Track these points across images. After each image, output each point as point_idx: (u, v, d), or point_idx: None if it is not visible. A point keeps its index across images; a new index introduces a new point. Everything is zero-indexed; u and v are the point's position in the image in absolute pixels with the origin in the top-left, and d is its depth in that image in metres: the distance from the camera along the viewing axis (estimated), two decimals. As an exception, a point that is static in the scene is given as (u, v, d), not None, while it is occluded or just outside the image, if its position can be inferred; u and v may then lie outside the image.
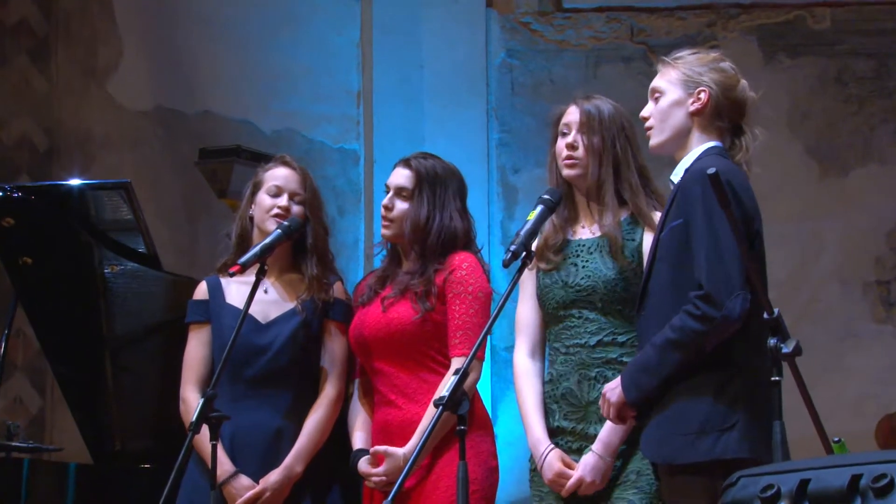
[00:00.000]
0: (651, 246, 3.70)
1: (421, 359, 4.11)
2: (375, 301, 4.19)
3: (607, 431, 3.80)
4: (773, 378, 3.12)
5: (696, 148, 3.65)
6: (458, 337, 4.05)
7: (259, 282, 3.99)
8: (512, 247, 3.57)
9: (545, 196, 3.73)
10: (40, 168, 7.05)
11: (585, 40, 7.26)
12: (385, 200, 4.22)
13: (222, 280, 4.30)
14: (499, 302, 3.54)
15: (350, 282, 4.46)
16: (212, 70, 7.18)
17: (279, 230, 4.13)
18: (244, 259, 4.01)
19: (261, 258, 4.01)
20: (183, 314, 4.36)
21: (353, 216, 7.12)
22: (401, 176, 4.22)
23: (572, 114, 3.97)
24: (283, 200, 4.26)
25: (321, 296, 4.25)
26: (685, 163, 3.64)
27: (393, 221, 4.18)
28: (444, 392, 3.39)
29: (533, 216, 3.66)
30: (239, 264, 3.99)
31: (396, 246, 4.26)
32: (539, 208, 3.69)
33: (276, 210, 4.25)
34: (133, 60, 7.17)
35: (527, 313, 4.02)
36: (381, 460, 4.05)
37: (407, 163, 4.24)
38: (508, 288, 3.52)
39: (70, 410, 5.16)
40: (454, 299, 4.08)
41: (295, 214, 4.25)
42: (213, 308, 4.29)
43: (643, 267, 3.78)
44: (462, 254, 4.14)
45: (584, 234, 3.97)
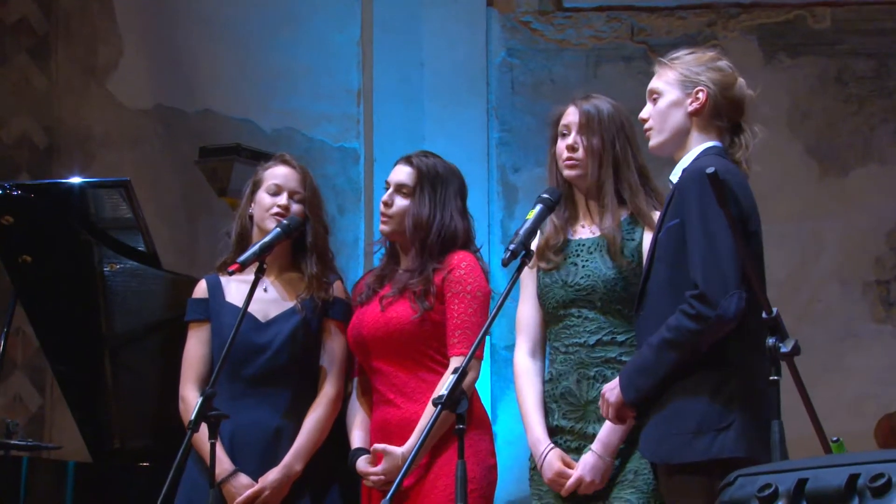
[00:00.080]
0: (649, 246, 3.70)
1: (419, 358, 4.11)
2: (374, 300, 4.18)
3: (606, 431, 3.80)
4: (772, 377, 3.12)
5: (695, 148, 3.65)
6: (457, 336, 4.05)
7: (258, 280, 3.99)
8: (511, 246, 3.57)
9: (544, 195, 3.73)
10: (40, 166, 7.05)
11: (586, 39, 7.26)
12: (385, 197, 4.21)
13: (222, 279, 4.30)
14: (498, 301, 3.55)
15: (350, 280, 4.46)
16: (212, 68, 7.18)
17: (279, 229, 4.12)
18: (243, 258, 4.00)
19: (260, 257, 4.00)
20: (182, 313, 4.36)
21: (353, 215, 7.12)
22: (402, 173, 4.21)
23: (571, 115, 3.97)
24: (283, 199, 4.26)
25: (321, 294, 4.25)
26: (683, 163, 3.64)
27: (391, 218, 4.18)
28: (443, 391, 3.39)
29: (532, 215, 3.67)
30: (238, 263, 3.98)
31: (395, 244, 4.26)
32: (538, 207, 3.69)
33: (276, 209, 4.24)
34: (133, 59, 7.17)
35: (527, 313, 4.02)
36: (381, 459, 4.05)
37: (408, 160, 4.23)
38: (508, 287, 3.52)
39: (69, 409, 5.16)
40: (453, 299, 4.08)
41: (294, 213, 4.24)
42: (213, 307, 4.29)
43: (643, 266, 3.78)
44: (461, 253, 4.14)
45: (584, 234, 3.97)
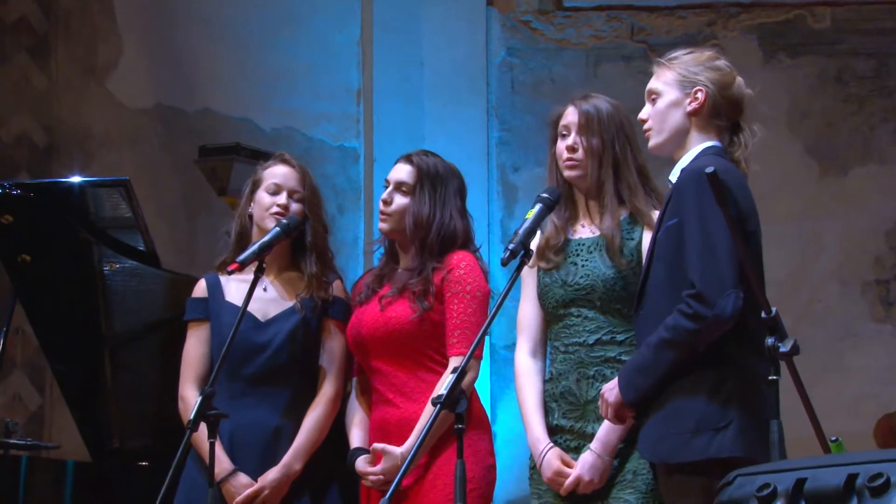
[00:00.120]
0: (649, 246, 3.70)
1: (419, 358, 4.10)
2: (373, 300, 4.18)
3: (605, 430, 3.79)
4: (771, 377, 3.12)
5: (694, 148, 3.64)
6: (456, 336, 4.05)
7: (257, 280, 3.99)
8: (510, 245, 3.57)
9: (543, 194, 3.73)
10: (40, 166, 7.05)
11: (586, 39, 7.26)
12: (384, 194, 4.21)
13: (221, 278, 4.30)
14: (497, 301, 3.54)
15: (350, 280, 4.45)
16: (212, 68, 7.18)
17: (278, 228, 4.12)
18: (242, 257, 4.00)
19: (259, 256, 4.00)
20: (182, 312, 4.35)
21: (353, 214, 7.12)
22: (402, 171, 4.21)
23: (571, 115, 3.96)
24: (282, 198, 4.25)
25: (320, 294, 4.25)
26: (683, 163, 3.63)
27: (391, 216, 4.18)
28: (442, 390, 3.39)
29: (531, 215, 3.66)
30: (237, 262, 3.98)
31: (394, 243, 4.25)
32: (537, 207, 3.69)
33: (275, 208, 4.24)
34: (133, 58, 7.17)
35: (528, 313, 4.02)
36: (380, 458, 4.05)
37: (409, 158, 4.23)
38: (507, 286, 3.52)
39: (69, 408, 5.16)
40: (452, 298, 4.08)
41: (294, 212, 4.24)
42: (213, 306, 4.28)
43: (642, 266, 3.78)
44: (460, 253, 4.14)
45: (585, 233, 3.96)
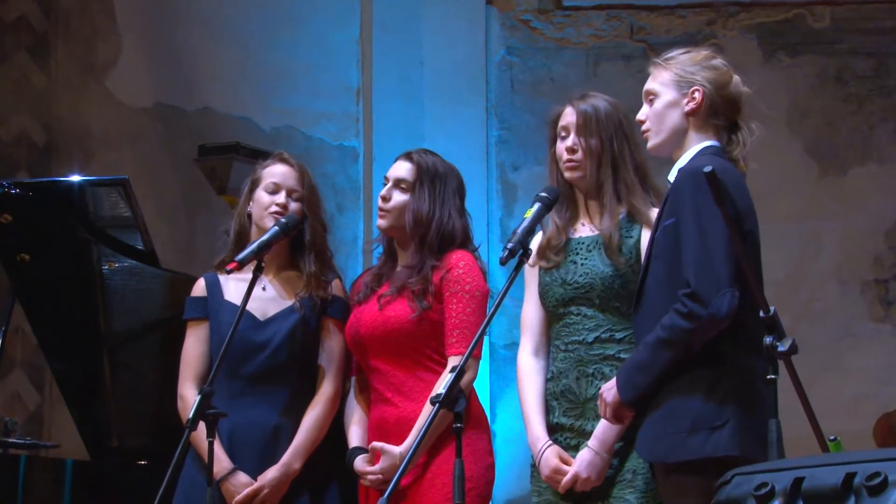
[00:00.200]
0: (647, 245, 3.70)
1: (417, 357, 4.10)
2: (372, 299, 4.18)
3: (603, 428, 3.79)
4: (769, 376, 3.12)
5: (692, 148, 3.64)
6: (455, 336, 4.05)
7: (256, 279, 3.99)
8: (509, 244, 3.57)
9: (542, 194, 3.73)
10: (39, 165, 7.05)
11: (585, 38, 7.26)
12: (383, 191, 4.21)
13: (220, 277, 4.30)
14: (496, 300, 3.54)
15: (349, 279, 4.45)
16: (211, 67, 7.18)
17: (277, 227, 4.12)
18: (241, 256, 4.00)
19: (258, 255, 4.00)
20: (181, 311, 4.35)
21: (353, 213, 7.12)
22: (401, 168, 4.21)
23: (569, 115, 3.96)
24: (281, 197, 4.25)
25: (319, 293, 4.25)
26: (680, 163, 3.63)
27: (389, 212, 4.17)
28: (441, 390, 3.39)
29: (530, 214, 3.67)
30: (236, 261, 3.98)
31: (393, 242, 4.25)
32: (536, 206, 3.70)
33: (274, 207, 4.24)
34: (132, 57, 7.18)
35: (531, 312, 4.02)
36: (379, 458, 4.05)
37: (409, 156, 4.23)
38: (506, 285, 3.52)
39: (68, 407, 5.16)
40: (451, 298, 4.08)
41: (293, 211, 4.24)
42: (212, 305, 4.28)
43: (641, 264, 3.78)
44: (459, 252, 4.14)
45: (584, 232, 3.97)
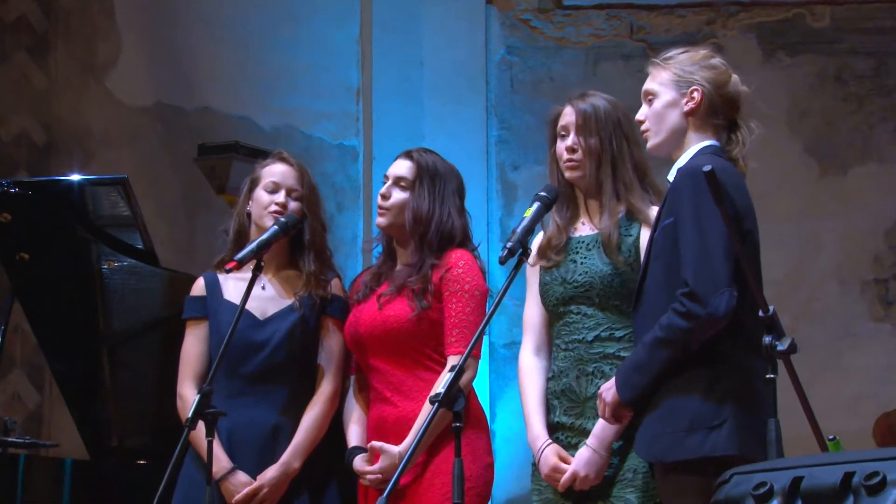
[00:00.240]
0: (647, 245, 3.70)
1: (417, 356, 4.10)
2: (371, 298, 4.18)
3: (601, 426, 3.79)
4: (768, 376, 3.12)
5: (692, 147, 3.64)
6: (454, 335, 4.05)
7: (255, 278, 3.99)
8: (508, 244, 3.57)
9: (541, 193, 3.73)
10: (39, 164, 7.05)
11: (585, 38, 7.26)
12: (382, 189, 4.21)
13: (220, 276, 4.30)
14: (495, 299, 3.54)
15: (349, 278, 4.45)
16: (211, 66, 7.18)
17: (276, 226, 4.11)
18: (240, 255, 4.00)
19: (257, 254, 4.00)
20: (180, 310, 4.35)
21: (352, 212, 7.12)
22: (401, 166, 4.22)
23: (569, 115, 3.97)
24: (281, 197, 4.25)
25: (319, 292, 4.25)
26: (680, 163, 3.63)
27: (389, 210, 4.17)
28: (440, 389, 3.39)
29: (529, 213, 3.67)
30: (235, 260, 3.98)
31: (392, 241, 4.25)
32: (535, 205, 3.70)
33: (274, 207, 4.24)
34: (132, 56, 7.18)
35: (533, 311, 4.03)
36: (378, 457, 4.05)
37: (409, 154, 4.24)
38: (505, 285, 3.52)
39: (67, 406, 5.16)
40: (450, 297, 4.08)
41: (292, 211, 4.24)
42: (211, 304, 4.28)
43: (640, 263, 3.78)
44: (458, 251, 4.14)
45: (585, 231, 3.97)
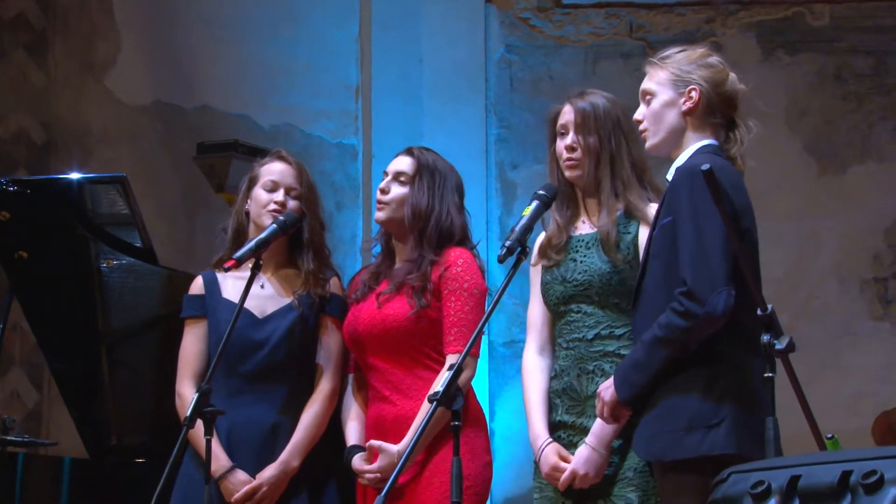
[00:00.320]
0: (645, 243, 3.70)
1: (415, 355, 4.10)
2: (370, 297, 4.18)
3: (600, 424, 3.79)
4: (766, 374, 3.12)
5: (690, 146, 3.64)
6: (453, 334, 4.05)
7: (254, 276, 3.99)
8: (507, 242, 3.57)
9: (540, 191, 3.73)
10: (38, 162, 7.05)
11: (584, 36, 7.25)
12: (382, 184, 4.21)
13: (218, 275, 4.29)
14: (493, 298, 3.54)
15: (347, 277, 4.45)
16: (210, 65, 7.18)
17: (274, 225, 4.11)
18: (239, 254, 4.00)
19: (256, 253, 4.00)
20: (179, 309, 4.35)
21: (351, 211, 7.12)
22: (402, 162, 4.22)
23: (568, 114, 3.97)
24: (279, 195, 4.25)
25: (317, 291, 4.24)
26: (678, 162, 3.63)
27: (388, 204, 4.17)
28: (439, 387, 3.39)
29: (528, 212, 3.66)
30: (233, 259, 3.98)
31: (391, 239, 4.25)
32: (534, 204, 3.69)
33: (272, 205, 4.23)
34: (131, 55, 7.17)
35: (536, 311, 4.03)
36: (376, 456, 4.05)
37: (409, 151, 4.25)
38: (503, 283, 3.52)
39: (66, 405, 5.16)
40: (449, 296, 4.08)
41: (291, 209, 4.23)
42: (210, 303, 4.28)
43: (639, 261, 3.78)
44: (458, 250, 4.14)
45: (584, 230, 3.97)
